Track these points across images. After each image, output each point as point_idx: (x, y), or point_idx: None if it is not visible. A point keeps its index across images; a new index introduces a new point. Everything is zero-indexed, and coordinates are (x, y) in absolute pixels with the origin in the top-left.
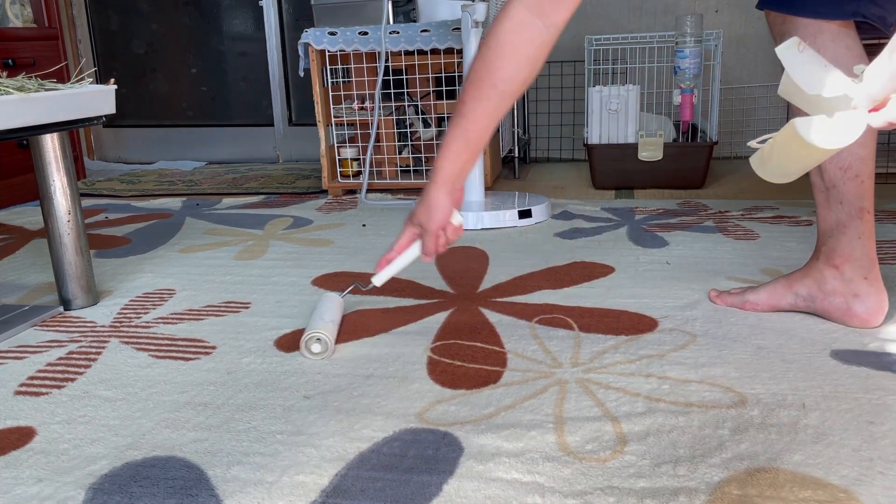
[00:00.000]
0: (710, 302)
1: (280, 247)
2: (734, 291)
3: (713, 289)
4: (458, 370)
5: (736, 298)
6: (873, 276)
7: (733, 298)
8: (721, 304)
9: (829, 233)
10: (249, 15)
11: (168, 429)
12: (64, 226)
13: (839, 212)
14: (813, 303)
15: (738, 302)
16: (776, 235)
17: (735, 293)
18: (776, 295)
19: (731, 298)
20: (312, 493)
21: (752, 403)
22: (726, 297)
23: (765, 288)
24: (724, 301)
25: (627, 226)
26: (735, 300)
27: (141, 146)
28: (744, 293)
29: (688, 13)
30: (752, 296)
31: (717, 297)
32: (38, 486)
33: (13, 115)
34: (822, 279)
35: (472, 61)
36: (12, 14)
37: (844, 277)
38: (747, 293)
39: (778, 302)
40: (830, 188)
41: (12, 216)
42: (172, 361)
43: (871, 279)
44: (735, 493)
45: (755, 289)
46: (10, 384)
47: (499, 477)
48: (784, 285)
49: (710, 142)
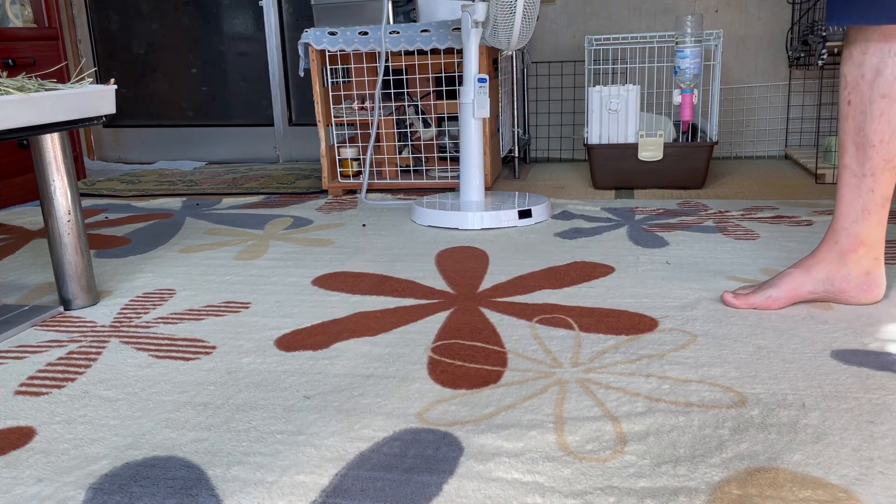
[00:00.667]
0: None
1: (280, 247)
2: (746, 291)
3: (727, 291)
4: (459, 370)
5: (758, 297)
6: (881, 256)
7: (755, 298)
8: (742, 305)
9: (853, 218)
10: (249, 15)
11: (168, 429)
12: (64, 226)
13: (869, 200)
14: (832, 285)
15: (762, 300)
16: (776, 235)
17: (753, 292)
18: (795, 284)
19: (753, 298)
20: (312, 493)
21: (752, 403)
22: (747, 297)
23: (782, 280)
24: (745, 302)
25: (627, 226)
26: (758, 299)
27: (141, 146)
28: (763, 289)
29: (688, 13)
30: (773, 290)
31: (735, 300)
32: (38, 485)
33: (13, 115)
34: (840, 262)
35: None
36: (12, 14)
37: (861, 260)
38: (766, 289)
39: (798, 291)
40: (868, 175)
41: (12, 216)
42: (172, 361)
43: (879, 259)
44: (735, 493)
45: (771, 283)
46: (10, 384)
47: (499, 477)
48: (801, 272)
49: (710, 142)
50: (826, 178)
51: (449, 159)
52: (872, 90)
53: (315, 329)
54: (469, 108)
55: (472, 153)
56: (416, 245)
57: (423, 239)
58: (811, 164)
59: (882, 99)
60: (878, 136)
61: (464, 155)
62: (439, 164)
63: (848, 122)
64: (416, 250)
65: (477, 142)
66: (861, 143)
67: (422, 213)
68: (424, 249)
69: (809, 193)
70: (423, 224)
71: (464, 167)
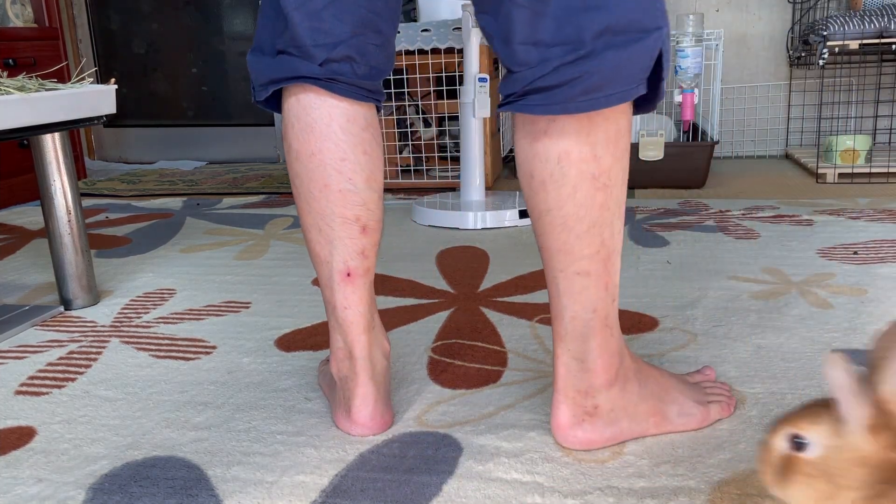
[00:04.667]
0: (712, 301)
1: (280, 246)
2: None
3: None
4: (459, 370)
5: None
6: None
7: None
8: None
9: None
10: (249, 14)
11: (168, 429)
12: (64, 226)
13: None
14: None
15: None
16: (777, 235)
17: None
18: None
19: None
20: (312, 494)
21: (751, 403)
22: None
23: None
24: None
25: (628, 225)
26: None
27: (141, 146)
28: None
29: (689, 12)
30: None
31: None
32: (39, 486)
33: (13, 115)
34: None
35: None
36: (13, 14)
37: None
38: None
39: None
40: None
41: (12, 216)
42: (173, 361)
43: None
44: (735, 493)
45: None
46: (10, 384)
47: (499, 477)
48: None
49: (710, 141)
50: (827, 178)
51: (449, 159)
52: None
53: (315, 329)
54: (469, 108)
55: (473, 153)
56: (417, 245)
57: (424, 238)
58: (812, 164)
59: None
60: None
61: (464, 154)
62: (440, 163)
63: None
64: (416, 250)
65: (477, 141)
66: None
67: (422, 212)
68: (425, 249)
69: (810, 193)
70: (424, 224)
71: (464, 167)
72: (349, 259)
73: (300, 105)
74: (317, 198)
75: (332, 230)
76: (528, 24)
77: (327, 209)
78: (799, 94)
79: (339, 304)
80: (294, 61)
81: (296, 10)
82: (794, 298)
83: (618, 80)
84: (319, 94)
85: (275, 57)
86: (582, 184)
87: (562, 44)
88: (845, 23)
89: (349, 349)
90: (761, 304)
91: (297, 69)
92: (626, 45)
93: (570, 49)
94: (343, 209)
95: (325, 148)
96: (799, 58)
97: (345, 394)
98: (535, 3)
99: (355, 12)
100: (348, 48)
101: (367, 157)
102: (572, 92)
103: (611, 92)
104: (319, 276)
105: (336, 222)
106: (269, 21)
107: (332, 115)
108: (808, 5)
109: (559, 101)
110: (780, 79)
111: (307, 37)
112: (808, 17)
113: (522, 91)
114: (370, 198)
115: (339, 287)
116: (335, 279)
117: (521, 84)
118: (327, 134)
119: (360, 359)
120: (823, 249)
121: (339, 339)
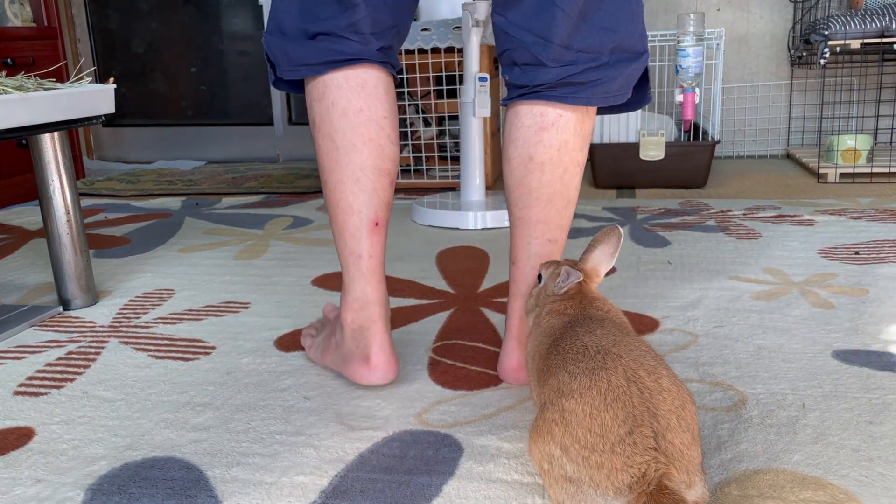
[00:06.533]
0: (713, 302)
1: (280, 246)
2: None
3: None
4: (459, 371)
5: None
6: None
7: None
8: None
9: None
10: (249, 14)
11: (167, 429)
12: (63, 226)
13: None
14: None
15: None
16: (778, 235)
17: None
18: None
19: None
20: (312, 494)
21: (751, 403)
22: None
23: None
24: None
25: (629, 225)
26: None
27: (140, 145)
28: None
29: (689, 12)
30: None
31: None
32: (37, 486)
33: (12, 115)
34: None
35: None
36: (11, 13)
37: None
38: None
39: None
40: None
41: (11, 216)
42: (172, 362)
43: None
44: (735, 494)
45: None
46: (9, 384)
47: (499, 478)
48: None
49: (711, 141)
50: (828, 178)
51: (449, 159)
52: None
53: None
54: (470, 108)
55: (473, 153)
56: (417, 245)
57: (424, 238)
58: (813, 164)
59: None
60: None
61: (464, 154)
62: (440, 163)
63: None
64: (416, 250)
65: (478, 141)
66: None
67: (422, 212)
68: (425, 249)
69: (811, 193)
70: (424, 224)
71: (464, 167)
72: (379, 209)
73: (353, 71)
74: (359, 149)
75: (369, 181)
76: (568, 31)
77: (368, 161)
78: (800, 94)
79: (366, 253)
80: (350, 44)
81: (364, 3)
82: (795, 299)
83: (622, 86)
84: (371, 67)
85: (311, 39)
86: (570, 168)
87: (587, 51)
88: (846, 22)
89: (367, 299)
90: (762, 304)
91: (360, 52)
92: (629, 62)
93: (593, 57)
94: (381, 161)
95: (372, 105)
96: (800, 57)
97: (360, 342)
98: (578, 18)
99: (398, 8)
100: (392, 37)
101: (396, 119)
102: (595, 90)
103: (617, 94)
104: (344, 229)
105: (374, 174)
106: (294, 7)
107: (378, 80)
108: (810, 5)
109: (586, 96)
110: (781, 78)
111: (367, 26)
112: (810, 16)
113: (556, 82)
114: (398, 154)
115: (367, 235)
116: (365, 227)
117: (553, 76)
118: (375, 94)
119: (380, 306)
120: (825, 249)
121: (357, 289)
